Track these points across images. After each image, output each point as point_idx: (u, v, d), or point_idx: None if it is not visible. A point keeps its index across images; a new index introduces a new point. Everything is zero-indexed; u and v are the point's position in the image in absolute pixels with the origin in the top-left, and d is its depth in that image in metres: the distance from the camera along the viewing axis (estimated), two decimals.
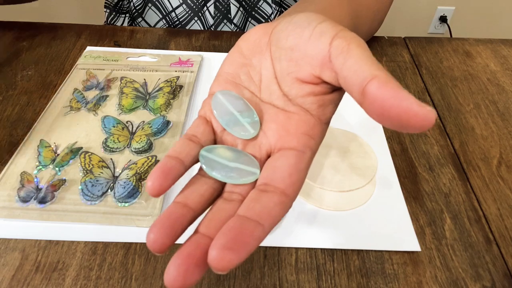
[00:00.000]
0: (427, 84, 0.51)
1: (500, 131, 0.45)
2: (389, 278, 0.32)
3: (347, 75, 0.21)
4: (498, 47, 0.58)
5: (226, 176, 0.23)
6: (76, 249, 0.33)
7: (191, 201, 0.22)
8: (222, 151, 0.24)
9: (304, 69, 0.24)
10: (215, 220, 0.21)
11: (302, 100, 0.24)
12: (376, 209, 0.36)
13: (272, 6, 0.63)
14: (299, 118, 0.24)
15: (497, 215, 0.37)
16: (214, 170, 0.23)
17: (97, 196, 0.35)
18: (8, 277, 0.31)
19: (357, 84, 0.20)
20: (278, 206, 0.20)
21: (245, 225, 0.19)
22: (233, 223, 0.19)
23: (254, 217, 0.20)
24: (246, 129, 0.24)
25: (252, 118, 0.25)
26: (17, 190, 0.35)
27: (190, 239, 0.20)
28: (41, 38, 0.56)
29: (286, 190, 0.21)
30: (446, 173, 0.40)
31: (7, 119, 0.44)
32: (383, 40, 0.58)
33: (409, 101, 0.18)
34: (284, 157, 0.23)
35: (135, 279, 0.31)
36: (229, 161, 0.23)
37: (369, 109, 0.20)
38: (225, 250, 0.18)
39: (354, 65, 0.21)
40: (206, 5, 0.61)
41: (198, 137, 0.24)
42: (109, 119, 0.42)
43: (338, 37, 0.22)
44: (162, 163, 0.22)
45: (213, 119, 0.26)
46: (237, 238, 0.18)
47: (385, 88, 0.19)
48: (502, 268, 0.33)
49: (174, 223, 0.20)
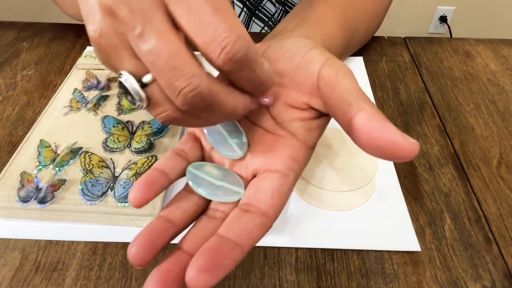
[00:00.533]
0: (427, 84, 0.51)
1: (500, 131, 0.45)
2: (389, 278, 0.32)
3: (334, 104, 0.22)
4: (498, 47, 0.58)
5: (211, 194, 0.23)
6: (76, 249, 0.33)
7: (174, 216, 0.22)
8: (209, 168, 0.24)
9: (293, 95, 0.25)
10: (196, 237, 0.22)
11: (289, 124, 0.25)
12: (376, 209, 0.36)
13: (276, 5, 0.63)
14: (285, 141, 0.25)
15: (497, 215, 0.37)
16: (200, 187, 0.23)
17: (97, 196, 0.35)
18: (8, 277, 0.31)
19: (345, 114, 0.21)
20: (258, 228, 0.21)
21: (223, 246, 0.19)
22: (212, 244, 0.19)
23: (234, 237, 0.20)
24: (234, 150, 0.25)
25: (240, 139, 0.25)
26: (17, 190, 0.35)
27: (171, 255, 0.20)
28: (41, 38, 0.56)
29: (267, 211, 0.22)
30: (446, 173, 0.40)
31: (7, 119, 0.44)
32: (383, 40, 0.58)
33: (394, 134, 0.19)
34: (268, 179, 0.23)
35: (135, 279, 0.31)
36: (216, 179, 0.24)
37: (355, 139, 0.21)
38: (202, 271, 0.18)
39: (341, 95, 0.22)
40: None
41: (186, 152, 0.25)
42: (109, 119, 0.42)
43: (326, 65, 0.23)
44: (146, 175, 0.22)
45: (202, 137, 0.26)
46: (214, 259, 0.19)
47: (372, 120, 0.20)
48: (502, 268, 0.33)
49: (156, 238, 0.21)
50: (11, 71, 0.50)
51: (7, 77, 0.49)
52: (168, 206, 0.23)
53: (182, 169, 0.24)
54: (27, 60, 0.52)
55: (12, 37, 0.56)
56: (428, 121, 0.46)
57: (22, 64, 0.51)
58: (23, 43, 0.54)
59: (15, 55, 0.53)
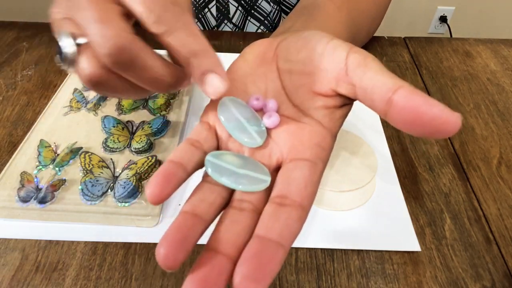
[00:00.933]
0: (427, 84, 0.51)
1: (500, 131, 0.45)
2: (389, 278, 0.32)
3: (367, 86, 0.22)
4: (498, 47, 0.58)
5: (236, 183, 0.22)
6: (76, 249, 0.33)
7: (201, 210, 0.21)
8: (229, 157, 0.23)
9: (320, 82, 0.24)
10: (230, 234, 0.20)
11: (315, 112, 0.25)
12: (376, 209, 0.36)
13: (271, 5, 0.63)
14: (312, 129, 0.24)
15: (497, 215, 0.37)
16: (223, 176, 0.22)
17: (97, 196, 0.35)
18: (8, 277, 0.31)
19: (381, 94, 0.21)
20: (298, 222, 0.20)
21: (267, 250, 0.18)
22: (254, 248, 0.19)
23: (275, 237, 0.19)
24: (253, 137, 0.24)
25: (259, 127, 0.24)
26: (17, 190, 0.35)
27: (203, 257, 0.19)
28: (41, 38, 0.56)
29: (303, 203, 0.21)
30: (446, 173, 0.40)
31: (7, 119, 0.44)
32: (383, 40, 0.58)
33: (439, 108, 0.19)
34: (298, 169, 0.22)
35: (135, 279, 0.31)
36: (238, 167, 0.22)
37: (395, 118, 0.20)
38: (250, 281, 0.17)
39: (374, 77, 0.21)
40: (208, 6, 0.61)
41: (201, 142, 0.24)
42: (109, 119, 0.42)
43: (352, 51, 0.23)
44: (163, 168, 0.21)
45: (217, 125, 0.25)
46: (261, 266, 0.18)
47: (414, 96, 0.20)
48: (502, 268, 0.33)
49: (186, 236, 0.19)
50: (11, 71, 0.50)
51: (7, 77, 0.49)
52: (190, 200, 0.21)
53: (199, 160, 0.23)
54: (27, 60, 0.52)
55: (12, 37, 0.56)
56: None
57: (22, 64, 0.51)
58: (23, 43, 0.54)
59: (15, 55, 0.53)
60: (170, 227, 0.19)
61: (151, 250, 0.33)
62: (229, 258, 0.19)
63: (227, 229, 0.20)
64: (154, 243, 0.33)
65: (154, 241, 0.33)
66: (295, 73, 0.26)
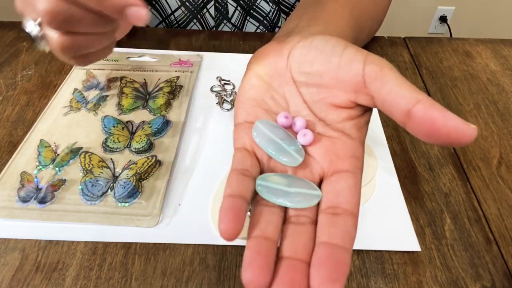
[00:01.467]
0: (427, 84, 0.51)
1: (500, 131, 0.45)
2: (389, 278, 0.32)
3: (386, 98, 0.22)
4: (498, 47, 0.58)
5: (293, 202, 0.23)
6: (76, 249, 0.33)
7: (269, 233, 0.22)
8: (275, 178, 0.24)
9: (339, 94, 0.25)
10: (297, 244, 0.21)
11: (342, 125, 0.25)
12: (376, 209, 0.36)
13: (270, 5, 0.63)
14: (344, 142, 0.25)
15: (497, 215, 0.37)
16: (280, 198, 0.23)
17: (97, 196, 0.35)
18: (8, 277, 0.31)
19: (401, 106, 0.21)
20: (353, 227, 0.21)
21: (337, 254, 0.20)
22: (325, 252, 0.20)
23: (339, 242, 0.20)
24: (293, 157, 0.25)
25: (296, 146, 0.25)
26: (17, 190, 0.35)
27: (281, 267, 0.20)
28: None
29: (353, 210, 0.22)
30: (446, 173, 0.40)
31: (7, 119, 0.44)
32: (383, 40, 0.58)
33: (456, 121, 0.20)
34: (342, 180, 0.23)
35: (135, 279, 0.31)
36: (287, 187, 0.24)
37: (415, 129, 0.21)
38: (328, 281, 0.19)
39: (393, 89, 0.22)
40: (206, 6, 0.61)
41: (250, 170, 0.25)
42: (109, 119, 0.42)
43: (369, 62, 0.24)
44: (229, 204, 0.22)
45: (256, 150, 0.26)
46: (336, 268, 0.19)
47: (433, 110, 0.20)
48: (502, 268, 0.33)
49: (268, 259, 0.20)
50: (11, 71, 0.50)
51: (7, 77, 0.49)
52: (256, 225, 0.22)
53: (253, 188, 0.24)
54: (27, 60, 0.52)
55: (12, 37, 0.56)
56: None
57: (22, 64, 0.51)
58: (23, 43, 0.54)
59: (15, 55, 0.53)
60: (248, 252, 0.20)
61: (151, 250, 0.33)
62: (303, 262, 0.20)
63: (293, 241, 0.22)
64: (154, 243, 0.33)
65: (154, 241, 0.33)
66: (312, 86, 0.26)
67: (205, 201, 0.36)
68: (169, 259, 0.32)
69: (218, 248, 0.33)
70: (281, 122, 0.26)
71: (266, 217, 0.23)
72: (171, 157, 0.39)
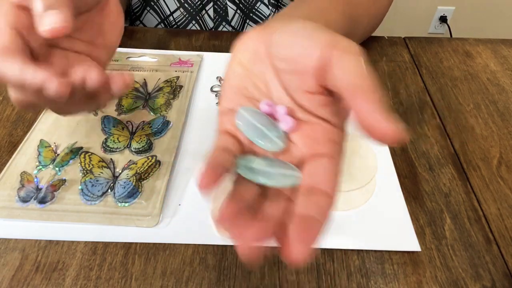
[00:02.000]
0: (427, 84, 0.51)
1: (500, 131, 0.45)
2: (389, 278, 0.32)
3: (340, 85, 0.23)
4: (498, 47, 0.58)
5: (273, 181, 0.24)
6: (76, 249, 0.33)
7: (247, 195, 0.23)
8: (258, 160, 0.25)
9: (309, 80, 0.25)
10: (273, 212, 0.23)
11: (320, 111, 0.26)
12: (376, 209, 0.36)
13: (270, 8, 0.63)
14: (322, 128, 0.25)
15: (497, 215, 0.37)
16: (260, 176, 0.24)
17: (97, 196, 0.35)
18: (8, 277, 0.31)
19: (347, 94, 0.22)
20: (327, 206, 0.22)
21: (310, 220, 0.21)
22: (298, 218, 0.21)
23: (315, 215, 0.22)
24: (275, 142, 0.25)
25: (278, 132, 0.26)
26: (17, 190, 0.35)
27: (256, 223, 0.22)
28: None
29: (330, 193, 0.23)
30: (446, 173, 0.40)
31: (7, 119, 0.44)
32: (383, 40, 0.58)
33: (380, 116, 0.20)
34: (320, 164, 0.24)
35: (135, 279, 0.31)
36: (269, 167, 0.24)
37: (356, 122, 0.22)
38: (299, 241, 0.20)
39: (345, 75, 0.22)
40: (205, 8, 0.61)
41: (231, 149, 0.25)
42: (109, 119, 0.42)
43: (331, 47, 0.23)
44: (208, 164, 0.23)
45: (239, 134, 0.26)
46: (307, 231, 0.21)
47: (361, 100, 0.21)
48: (502, 268, 0.33)
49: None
50: None
51: None
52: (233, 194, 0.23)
53: (234, 163, 0.24)
54: None
55: None
56: (428, 121, 0.46)
57: None
58: None
59: None
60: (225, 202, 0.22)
61: (151, 250, 0.33)
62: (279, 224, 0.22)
63: (270, 210, 0.23)
64: (154, 243, 0.33)
65: (154, 241, 0.33)
66: (289, 73, 0.26)
67: (205, 201, 0.36)
68: (169, 259, 0.32)
69: (218, 248, 0.33)
70: (264, 109, 0.27)
71: (243, 187, 0.24)
72: (171, 157, 0.39)
